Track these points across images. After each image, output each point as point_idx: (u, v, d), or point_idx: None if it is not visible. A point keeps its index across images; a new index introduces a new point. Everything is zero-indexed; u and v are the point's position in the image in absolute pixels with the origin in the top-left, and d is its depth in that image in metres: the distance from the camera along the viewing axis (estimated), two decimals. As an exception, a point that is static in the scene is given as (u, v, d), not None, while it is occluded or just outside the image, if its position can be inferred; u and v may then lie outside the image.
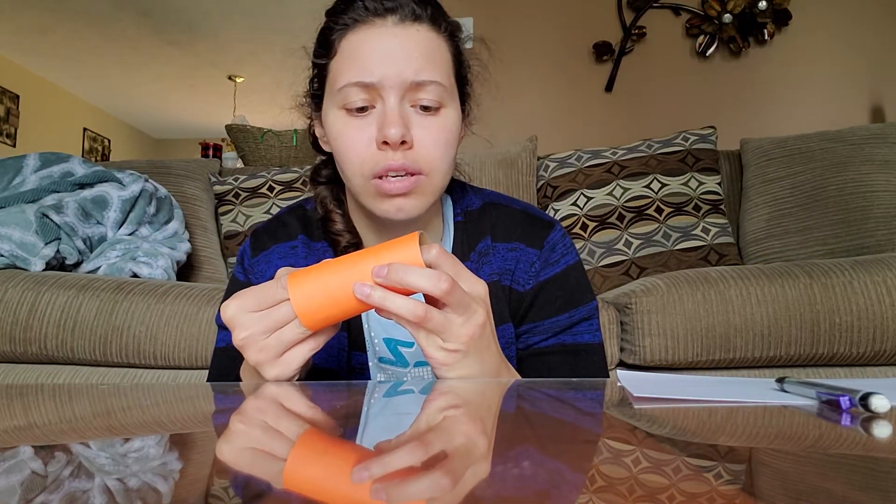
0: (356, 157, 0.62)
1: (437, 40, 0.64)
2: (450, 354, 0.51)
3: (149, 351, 1.19)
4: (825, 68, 2.25)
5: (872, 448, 0.30)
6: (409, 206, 0.63)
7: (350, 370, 0.70)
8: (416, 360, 0.71)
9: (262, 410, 0.41)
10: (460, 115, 0.67)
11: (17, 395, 0.49)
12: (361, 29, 0.62)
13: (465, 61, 0.70)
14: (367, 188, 0.63)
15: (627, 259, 1.59)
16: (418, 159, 0.61)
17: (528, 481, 0.22)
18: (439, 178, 0.64)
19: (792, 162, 1.68)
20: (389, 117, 0.60)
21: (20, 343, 1.20)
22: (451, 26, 0.67)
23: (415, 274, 0.48)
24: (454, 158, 0.66)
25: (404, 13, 0.62)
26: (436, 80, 0.62)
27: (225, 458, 0.28)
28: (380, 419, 0.39)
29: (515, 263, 0.70)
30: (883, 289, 1.09)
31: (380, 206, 0.63)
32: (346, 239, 0.71)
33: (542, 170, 1.81)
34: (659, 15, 2.32)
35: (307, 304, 0.50)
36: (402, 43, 0.61)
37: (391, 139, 0.59)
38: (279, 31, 4.61)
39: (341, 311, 0.50)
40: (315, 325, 0.51)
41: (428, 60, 0.62)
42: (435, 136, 0.62)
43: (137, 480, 0.24)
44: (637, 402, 0.41)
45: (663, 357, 1.12)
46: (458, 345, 0.50)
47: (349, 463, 0.26)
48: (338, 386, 0.53)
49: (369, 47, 0.61)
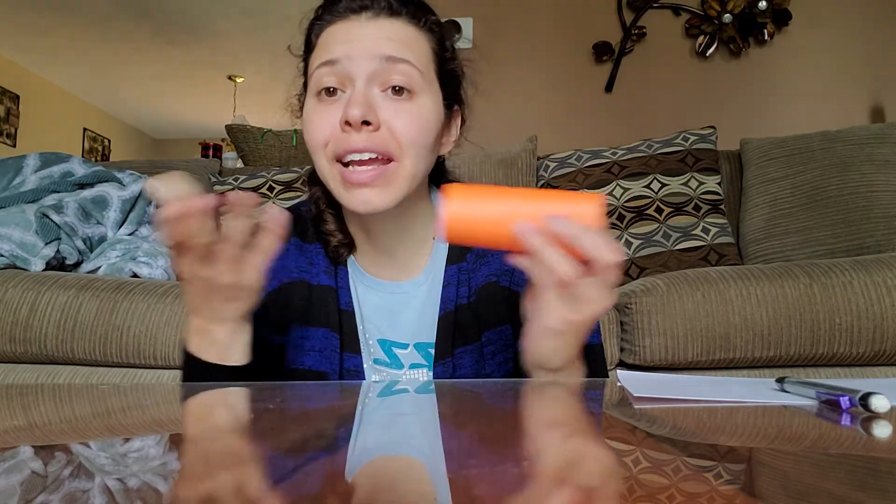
0: (321, 139, 0.61)
1: (413, 32, 0.63)
2: (566, 323, 0.49)
3: (149, 351, 1.19)
4: (825, 68, 2.25)
5: (872, 448, 0.30)
6: (374, 198, 0.60)
7: (343, 373, 0.69)
8: (412, 362, 0.70)
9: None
10: (439, 108, 0.65)
11: (17, 395, 0.49)
12: (337, 23, 0.62)
13: (452, 59, 0.68)
14: (332, 173, 0.62)
15: (627, 259, 1.59)
16: (385, 141, 0.59)
17: (528, 481, 0.22)
18: (411, 165, 0.61)
19: (792, 162, 1.68)
20: (353, 97, 0.59)
21: (20, 343, 1.20)
22: (434, 24, 0.65)
23: (592, 237, 0.46)
24: (431, 149, 0.64)
25: (380, 7, 0.62)
26: (407, 59, 0.60)
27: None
28: (375, 419, 0.39)
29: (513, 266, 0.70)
30: (883, 289, 1.08)
31: (345, 197, 0.62)
32: (337, 239, 0.70)
33: (542, 170, 1.81)
34: (659, 15, 2.32)
35: (460, 211, 0.48)
36: (373, 29, 0.61)
37: (352, 118, 0.58)
38: (279, 31, 4.61)
39: (488, 236, 0.48)
40: (455, 237, 0.49)
41: (401, 44, 0.61)
42: (406, 120, 0.60)
43: (137, 480, 0.24)
44: (637, 402, 0.41)
45: (663, 357, 1.12)
46: (581, 318, 0.49)
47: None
48: (330, 387, 0.53)
49: (341, 34, 0.61)
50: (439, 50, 0.66)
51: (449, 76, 0.67)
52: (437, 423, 0.37)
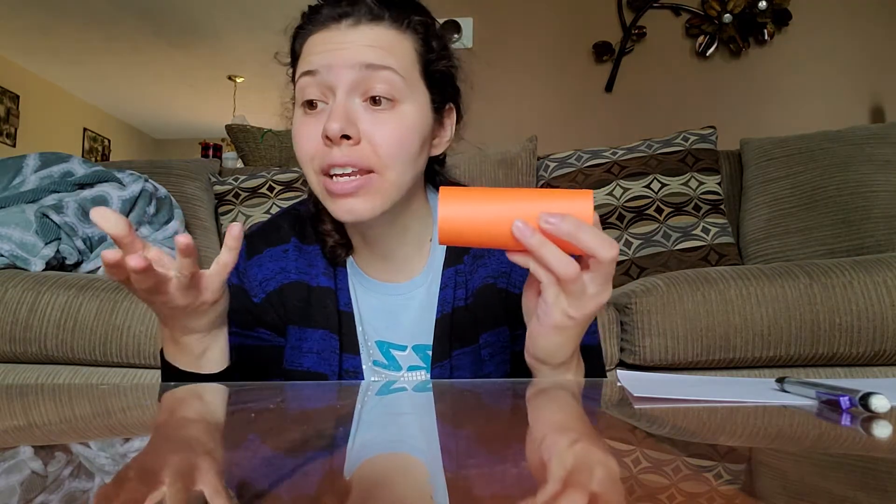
0: (307, 153, 0.61)
1: (395, 35, 0.62)
2: (568, 319, 0.50)
3: (149, 351, 1.19)
4: (825, 68, 2.25)
5: (872, 448, 0.30)
6: (359, 207, 0.60)
7: (343, 374, 0.69)
8: (410, 364, 0.70)
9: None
10: (425, 113, 0.64)
11: (17, 395, 0.49)
12: (319, 32, 0.62)
13: (440, 58, 0.66)
14: (319, 186, 0.62)
15: (627, 259, 1.59)
16: (365, 155, 0.59)
17: (526, 481, 0.22)
18: (394, 176, 0.61)
19: (792, 162, 1.68)
20: (332, 111, 0.59)
21: (20, 343, 1.20)
22: (418, 24, 0.64)
23: (589, 233, 0.46)
24: (416, 156, 0.63)
25: (359, 15, 0.61)
26: (388, 65, 0.60)
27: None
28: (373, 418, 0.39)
29: (511, 266, 0.69)
30: (883, 289, 1.08)
31: (331, 207, 0.62)
32: (334, 239, 0.70)
33: (542, 170, 1.81)
34: (659, 15, 2.32)
35: (454, 215, 0.48)
36: (353, 37, 0.60)
37: (331, 133, 0.58)
38: (279, 32, 4.60)
39: (483, 237, 0.49)
40: (450, 239, 0.49)
41: (381, 49, 0.60)
42: (387, 132, 0.60)
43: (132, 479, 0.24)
44: (637, 402, 0.41)
45: (663, 357, 1.12)
46: (580, 314, 0.49)
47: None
48: (329, 386, 0.53)
49: (322, 43, 0.61)
50: (424, 51, 0.64)
51: (437, 75, 0.66)
52: (433, 422, 0.37)
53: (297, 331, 0.70)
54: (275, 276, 0.71)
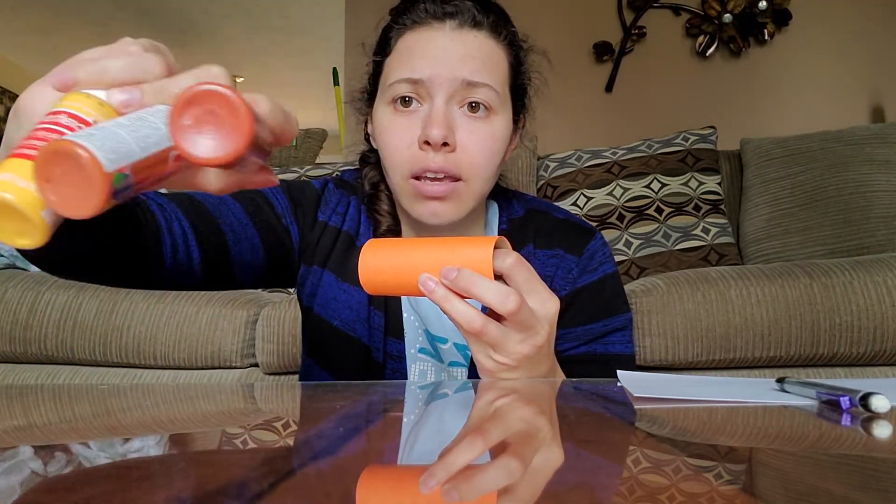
0: (398, 156, 0.62)
1: (494, 47, 0.63)
2: (498, 366, 0.49)
3: (149, 351, 1.19)
4: (825, 68, 2.25)
5: (872, 448, 0.30)
6: (444, 211, 0.62)
7: (386, 356, 0.68)
8: (451, 360, 0.69)
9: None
10: (510, 125, 0.65)
11: (17, 395, 0.49)
12: (419, 30, 0.62)
13: (524, 72, 0.69)
14: (405, 188, 0.62)
15: (627, 259, 1.59)
16: (459, 163, 0.60)
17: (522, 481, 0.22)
18: (479, 186, 0.62)
19: (792, 162, 1.68)
20: (433, 117, 0.59)
21: (20, 343, 1.20)
22: (512, 35, 0.66)
23: (483, 286, 0.46)
24: (498, 167, 0.65)
25: (464, 19, 0.61)
26: (488, 83, 0.61)
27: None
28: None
29: (555, 270, 0.69)
30: (883, 289, 1.08)
31: (415, 208, 0.63)
32: (387, 222, 0.70)
33: (542, 170, 1.81)
34: (659, 15, 2.32)
35: (374, 267, 0.50)
36: (456, 45, 0.61)
37: (433, 139, 0.58)
38: (279, 31, 4.61)
39: (400, 288, 0.50)
40: (374, 289, 0.51)
41: (482, 64, 0.61)
42: (480, 142, 0.61)
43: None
44: (637, 402, 0.41)
45: (663, 357, 1.12)
46: (510, 360, 0.49)
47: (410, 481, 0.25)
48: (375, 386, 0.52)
49: (423, 46, 0.61)
50: (515, 63, 0.66)
51: (520, 88, 0.68)
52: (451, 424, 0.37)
53: (336, 282, 0.68)
54: (324, 210, 0.70)
